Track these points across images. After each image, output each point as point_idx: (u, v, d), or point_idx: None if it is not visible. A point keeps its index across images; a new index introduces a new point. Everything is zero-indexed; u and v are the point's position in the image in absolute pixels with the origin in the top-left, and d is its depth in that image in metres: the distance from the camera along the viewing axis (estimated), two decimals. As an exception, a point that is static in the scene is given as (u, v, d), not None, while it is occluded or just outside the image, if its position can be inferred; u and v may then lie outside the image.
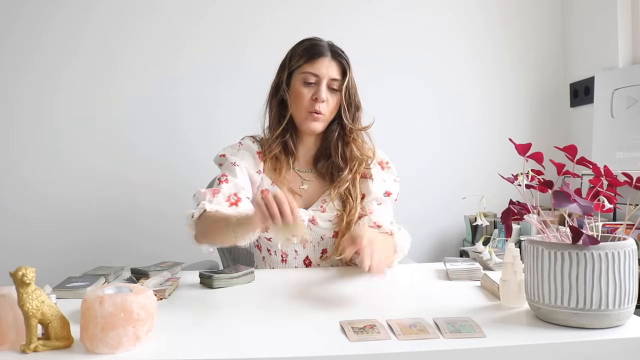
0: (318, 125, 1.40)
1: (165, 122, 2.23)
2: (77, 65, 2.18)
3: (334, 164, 1.43)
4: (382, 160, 1.48)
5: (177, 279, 1.21)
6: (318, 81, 1.38)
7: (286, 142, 1.43)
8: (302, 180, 1.45)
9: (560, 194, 0.83)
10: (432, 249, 2.30)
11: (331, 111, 1.41)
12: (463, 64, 2.37)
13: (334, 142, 1.44)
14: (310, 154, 1.48)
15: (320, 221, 1.39)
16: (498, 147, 2.30)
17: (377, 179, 1.44)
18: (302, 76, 1.39)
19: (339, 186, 1.40)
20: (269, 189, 1.41)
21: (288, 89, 1.42)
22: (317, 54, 1.39)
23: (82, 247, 2.16)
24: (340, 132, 1.44)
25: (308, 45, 1.42)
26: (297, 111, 1.40)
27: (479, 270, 1.19)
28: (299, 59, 1.40)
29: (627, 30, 2.06)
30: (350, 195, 1.40)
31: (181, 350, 0.78)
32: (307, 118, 1.39)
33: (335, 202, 1.40)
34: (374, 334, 0.80)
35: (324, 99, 1.37)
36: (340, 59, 1.41)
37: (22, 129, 2.17)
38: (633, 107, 1.99)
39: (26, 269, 0.75)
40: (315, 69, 1.38)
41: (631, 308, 0.82)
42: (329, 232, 1.40)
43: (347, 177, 1.40)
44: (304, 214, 1.37)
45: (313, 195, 1.44)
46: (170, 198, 2.17)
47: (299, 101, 1.39)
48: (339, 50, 1.42)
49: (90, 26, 2.19)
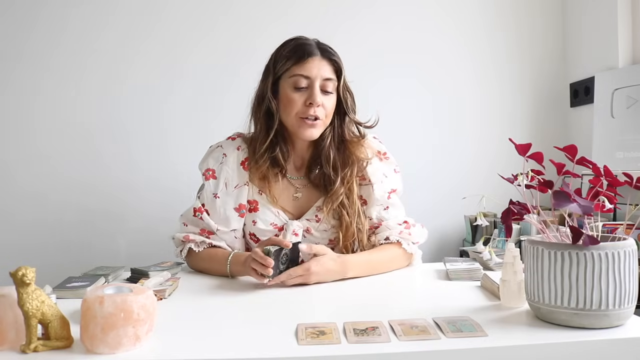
0: (315, 131, 1.30)
1: (164, 121, 2.23)
2: (65, 67, 2.17)
3: (325, 174, 1.35)
4: (379, 150, 1.41)
5: (177, 279, 1.21)
6: (310, 84, 1.28)
7: (274, 157, 1.33)
8: (295, 188, 1.38)
9: (560, 194, 0.83)
10: (432, 249, 2.30)
11: (328, 115, 1.31)
12: (463, 65, 2.37)
13: (326, 149, 1.35)
14: (302, 161, 1.40)
15: (315, 232, 1.36)
16: (498, 147, 2.30)
17: (377, 179, 1.37)
18: (291, 80, 1.28)
19: (331, 201, 1.32)
20: (257, 199, 1.35)
21: (275, 97, 1.31)
22: (306, 54, 1.28)
23: (82, 247, 2.16)
24: (333, 138, 1.36)
25: (294, 45, 1.31)
26: (288, 119, 1.30)
27: (479, 270, 1.19)
28: (286, 62, 1.29)
29: (627, 30, 2.06)
30: (346, 210, 1.32)
31: (181, 350, 0.78)
32: (301, 126, 1.29)
33: (330, 219, 1.34)
34: (374, 336, 0.80)
35: (319, 102, 1.27)
36: (331, 56, 1.31)
37: (17, 129, 2.17)
38: (633, 107, 1.99)
39: (26, 269, 0.75)
40: (306, 71, 1.27)
41: (631, 308, 0.82)
42: (324, 240, 1.37)
43: (339, 191, 1.32)
44: (297, 226, 1.34)
45: (307, 203, 1.38)
46: (171, 198, 2.17)
47: (290, 108, 1.29)
48: (327, 47, 1.32)
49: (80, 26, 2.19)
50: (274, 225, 1.35)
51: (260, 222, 1.35)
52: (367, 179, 1.37)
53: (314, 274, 1.15)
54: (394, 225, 1.36)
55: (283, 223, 1.35)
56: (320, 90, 1.29)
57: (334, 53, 1.33)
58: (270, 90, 1.32)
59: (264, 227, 1.35)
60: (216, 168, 1.36)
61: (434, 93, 2.36)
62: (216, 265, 1.28)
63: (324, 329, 0.83)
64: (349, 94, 1.36)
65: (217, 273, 1.28)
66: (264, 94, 1.32)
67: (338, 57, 1.33)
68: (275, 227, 1.35)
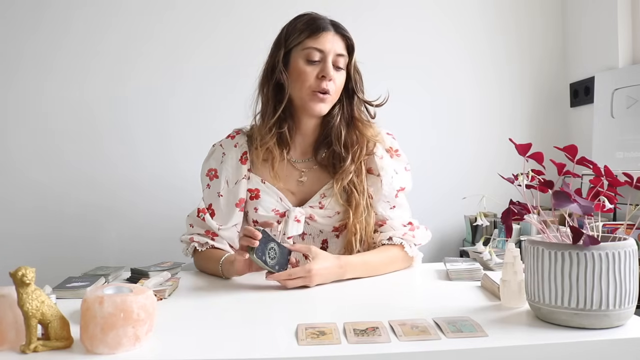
0: (324, 106, 1.29)
1: (167, 121, 2.23)
2: (68, 68, 2.18)
3: (335, 152, 1.33)
4: (392, 147, 1.39)
5: (177, 279, 1.21)
6: (323, 57, 1.27)
7: (281, 134, 1.32)
8: (299, 172, 1.37)
9: (560, 194, 0.82)
10: (432, 249, 2.30)
11: (337, 91, 1.30)
12: (463, 65, 2.37)
13: (336, 127, 1.33)
14: (308, 142, 1.37)
15: (319, 218, 1.33)
16: (498, 147, 2.30)
17: (387, 173, 1.34)
18: (304, 52, 1.27)
19: (342, 178, 1.30)
20: (258, 187, 1.35)
21: (286, 69, 1.30)
22: (321, 28, 1.28)
23: (82, 247, 2.16)
24: (343, 116, 1.34)
25: (308, 19, 1.30)
26: (299, 92, 1.28)
27: (479, 270, 1.19)
28: (300, 35, 1.28)
29: (627, 30, 2.06)
30: (355, 188, 1.31)
31: (181, 350, 0.78)
32: (312, 99, 1.28)
33: (335, 205, 1.32)
34: (374, 337, 0.80)
35: (332, 76, 1.27)
36: (345, 32, 1.31)
37: (20, 131, 2.17)
38: (633, 107, 1.99)
39: (26, 269, 0.75)
40: (320, 44, 1.27)
41: (631, 308, 0.82)
42: (329, 227, 1.35)
43: (349, 168, 1.31)
44: (299, 212, 1.32)
45: (311, 189, 1.36)
46: (171, 198, 2.17)
47: (301, 81, 1.27)
48: (341, 25, 1.32)
49: (81, 26, 2.19)
50: (275, 211, 1.34)
51: (261, 209, 1.34)
52: (377, 173, 1.35)
53: (316, 275, 1.14)
54: (399, 226, 1.35)
55: (285, 209, 1.34)
56: (332, 65, 1.28)
57: (347, 31, 1.32)
58: (281, 62, 1.30)
59: (265, 213, 1.34)
60: (218, 167, 1.37)
61: (434, 93, 2.36)
62: (212, 265, 1.29)
63: (324, 329, 0.83)
64: (358, 74, 1.36)
65: (213, 273, 1.29)
66: (275, 66, 1.30)
67: (350, 35, 1.33)
68: (277, 213, 1.33)
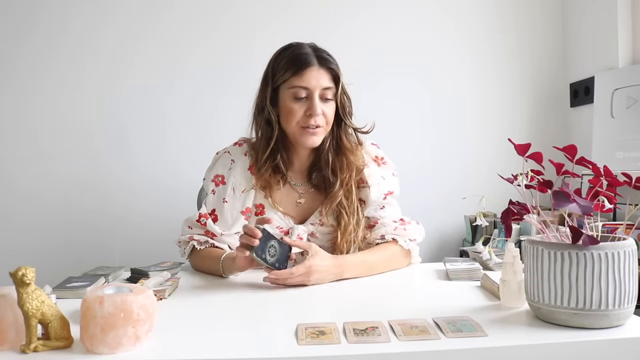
0: (317, 139, 1.31)
1: (164, 121, 2.23)
2: (65, 67, 2.18)
3: (325, 177, 1.37)
4: (377, 156, 1.42)
5: (177, 279, 1.21)
6: (309, 94, 1.28)
7: (276, 165, 1.35)
8: (298, 194, 1.40)
9: (560, 194, 0.83)
10: (432, 249, 2.30)
11: (329, 122, 1.32)
12: (463, 65, 2.37)
13: (324, 154, 1.36)
14: (305, 166, 1.41)
15: (320, 234, 1.38)
16: (498, 147, 2.30)
17: (374, 181, 1.38)
18: (291, 92, 1.28)
19: (330, 202, 1.34)
20: (263, 203, 1.37)
21: (274, 107, 1.32)
22: (304, 64, 1.27)
23: (82, 247, 2.16)
24: (332, 143, 1.37)
25: (291, 55, 1.30)
26: (290, 128, 1.31)
27: (479, 270, 1.19)
28: (284, 73, 1.29)
29: (627, 30, 2.06)
30: (345, 210, 1.34)
31: (181, 350, 0.78)
32: (302, 134, 1.30)
33: (329, 218, 1.36)
34: (374, 336, 0.80)
35: (319, 112, 1.28)
36: (329, 64, 1.30)
37: (16, 129, 2.17)
38: (633, 107, 1.99)
39: (26, 269, 0.75)
40: (305, 82, 1.27)
41: (631, 308, 0.82)
42: (328, 243, 1.38)
43: (338, 193, 1.34)
44: (302, 230, 1.35)
45: (310, 208, 1.39)
46: (170, 198, 2.17)
47: (290, 118, 1.29)
48: (324, 54, 1.32)
49: (78, 25, 2.19)
50: (279, 228, 1.36)
51: (267, 226, 1.35)
52: (365, 182, 1.39)
53: (315, 271, 1.15)
54: (389, 222, 1.37)
55: (289, 227, 1.37)
56: (320, 98, 1.29)
57: (332, 60, 1.32)
58: (269, 100, 1.32)
59: (270, 230, 1.35)
60: (225, 174, 1.37)
61: (434, 93, 2.36)
62: (211, 263, 1.28)
63: (324, 329, 0.83)
64: (347, 99, 1.37)
65: (213, 271, 1.29)
66: (263, 104, 1.33)
67: (335, 63, 1.32)
68: (281, 230, 1.36)
